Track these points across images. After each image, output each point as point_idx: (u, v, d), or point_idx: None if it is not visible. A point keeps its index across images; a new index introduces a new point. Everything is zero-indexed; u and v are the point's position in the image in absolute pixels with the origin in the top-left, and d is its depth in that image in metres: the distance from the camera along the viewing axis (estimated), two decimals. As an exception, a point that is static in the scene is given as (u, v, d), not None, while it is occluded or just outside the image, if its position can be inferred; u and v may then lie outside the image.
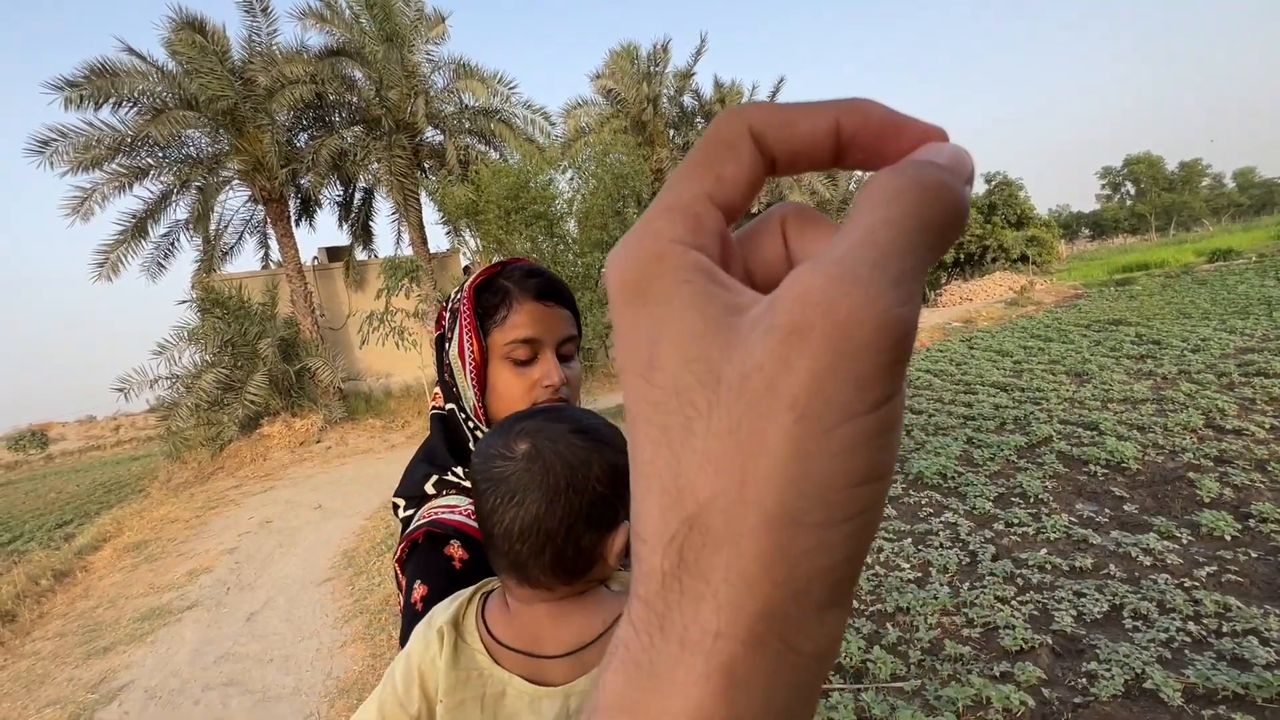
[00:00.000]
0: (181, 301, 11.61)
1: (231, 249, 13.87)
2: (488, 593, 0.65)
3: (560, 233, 11.63)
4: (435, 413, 0.89)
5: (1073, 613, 3.07)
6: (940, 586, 3.52)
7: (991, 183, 28.89)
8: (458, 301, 0.84)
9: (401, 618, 0.73)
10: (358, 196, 14.83)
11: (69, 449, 31.12)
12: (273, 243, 13.47)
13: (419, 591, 0.71)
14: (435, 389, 0.90)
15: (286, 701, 3.47)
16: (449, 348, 0.84)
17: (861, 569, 0.16)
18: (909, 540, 4.18)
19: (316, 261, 15.01)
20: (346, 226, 15.10)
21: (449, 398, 0.86)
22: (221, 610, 4.93)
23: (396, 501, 0.86)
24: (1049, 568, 3.54)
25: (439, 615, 0.62)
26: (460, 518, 0.74)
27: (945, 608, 3.32)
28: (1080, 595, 3.20)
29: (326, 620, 4.42)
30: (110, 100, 10.64)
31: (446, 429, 0.86)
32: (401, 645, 0.68)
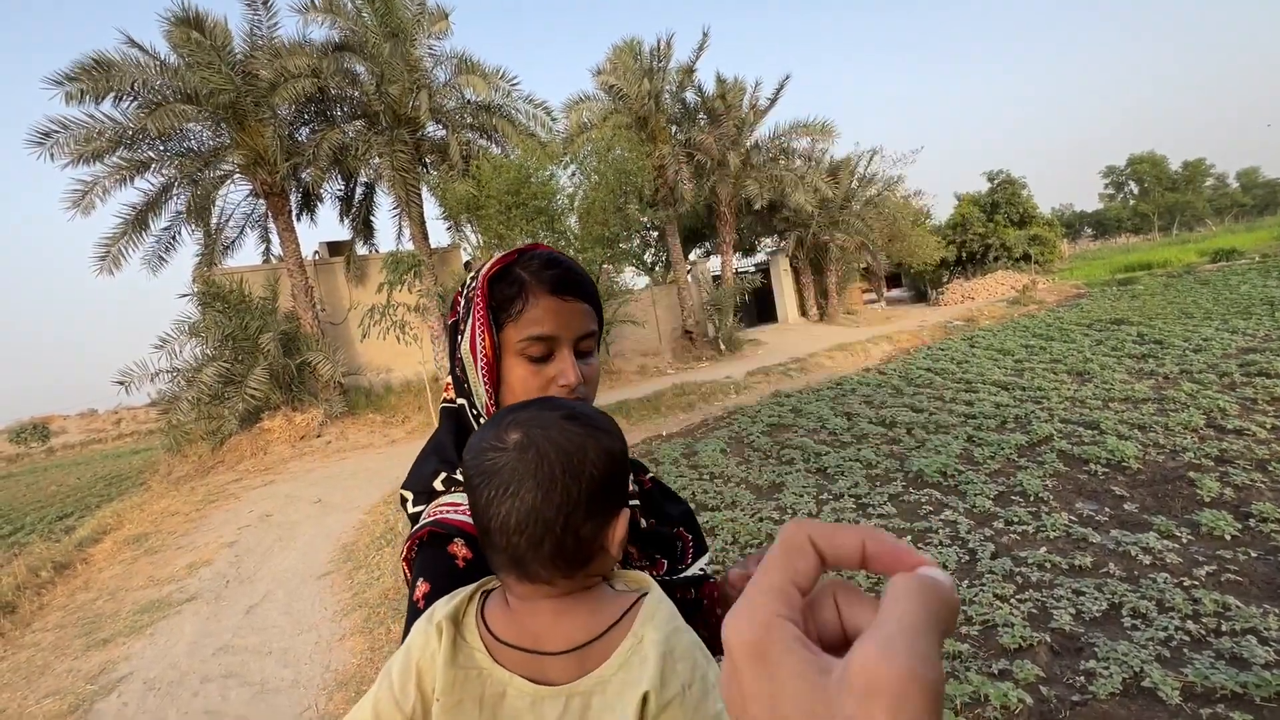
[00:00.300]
0: (182, 295, 11.62)
1: (233, 243, 13.86)
2: (489, 590, 0.63)
3: (562, 228, 11.62)
4: (446, 406, 0.85)
5: (1071, 611, 3.06)
6: (939, 584, 3.51)
7: (995, 181, 28.79)
8: (471, 291, 0.80)
9: (407, 616, 0.70)
10: (359, 191, 14.80)
11: (70, 442, 31.17)
12: (274, 237, 13.45)
13: (421, 589, 0.69)
14: (449, 379, 0.86)
15: (285, 694, 3.48)
16: (461, 340, 0.80)
17: None
18: (909, 538, 4.18)
19: (317, 256, 14.99)
20: (347, 221, 15.07)
21: (460, 392, 0.82)
22: (221, 603, 4.94)
23: (405, 495, 0.83)
24: (1048, 566, 3.54)
25: (438, 611, 0.61)
26: (464, 516, 0.72)
27: (944, 605, 3.31)
28: (1079, 594, 3.20)
29: (325, 614, 4.43)
30: (111, 94, 10.61)
31: (457, 424, 0.83)
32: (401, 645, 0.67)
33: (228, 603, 4.92)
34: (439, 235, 29.88)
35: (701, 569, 0.82)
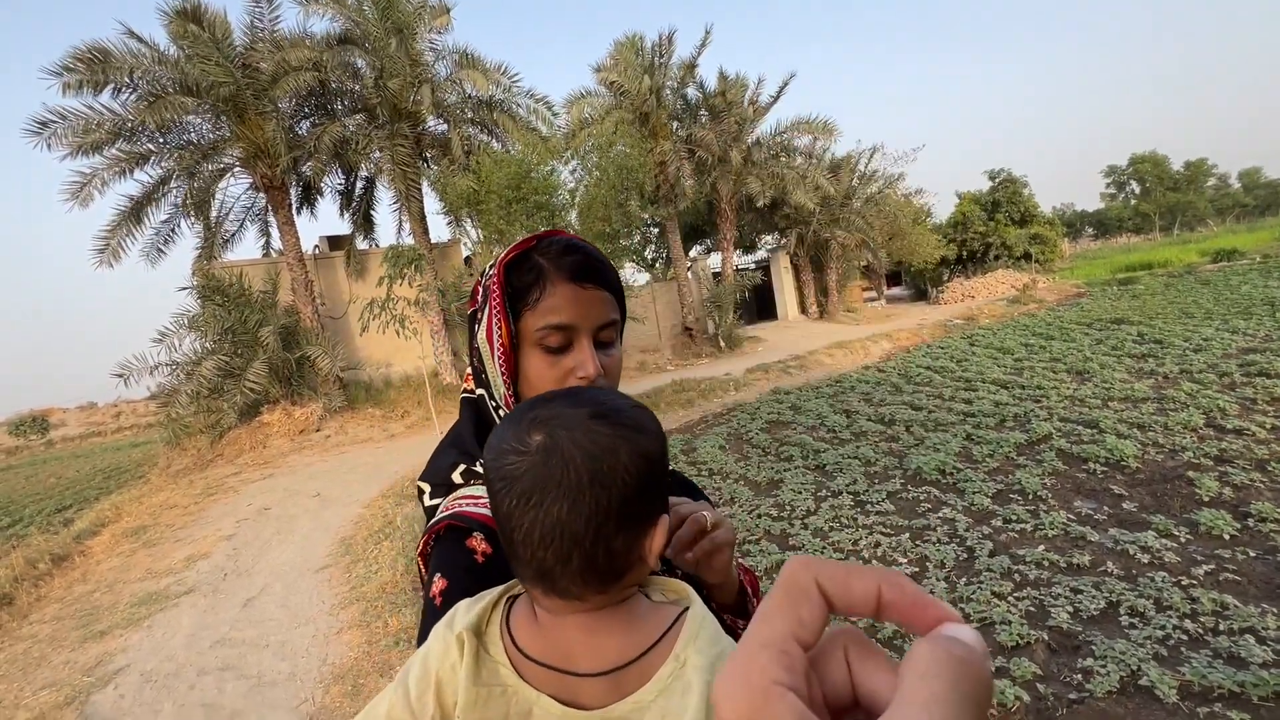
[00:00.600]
0: (182, 288, 11.60)
1: (232, 236, 13.82)
2: (515, 596, 0.58)
3: (562, 224, 11.59)
4: (466, 396, 0.83)
5: (1069, 609, 3.06)
6: (937, 582, 3.51)
7: (996, 180, 28.74)
8: (488, 278, 0.77)
9: (422, 612, 0.68)
10: (359, 185, 14.77)
11: (69, 435, 31.17)
12: (274, 231, 13.42)
13: (438, 585, 0.66)
14: (469, 370, 0.84)
15: (282, 687, 3.48)
16: (477, 328, 0.78)
17: None
18: (906, 535, 4.18)
19: (317, 250, 14.96)
20: (348, 215, 15.05)
21: (479, 382, 0.80)
22: (218, 596, 4.94)
23: (422, 487, 0.80)
24: (1046, 564, 3.54)
25: (460, 619, 0.56)
26: (485, 510, 0.69)
27: (941, 603, 3.31)
28: (1077, 592, 3.20)
29: (323, 607, 4.43)
30: (110, 85, 10.57)
31: (477, 415, 0.81)
32: (420, 642, 0.63)
33: (225, 596, 4.92)
34: (439, 230, 29.82)
35: None
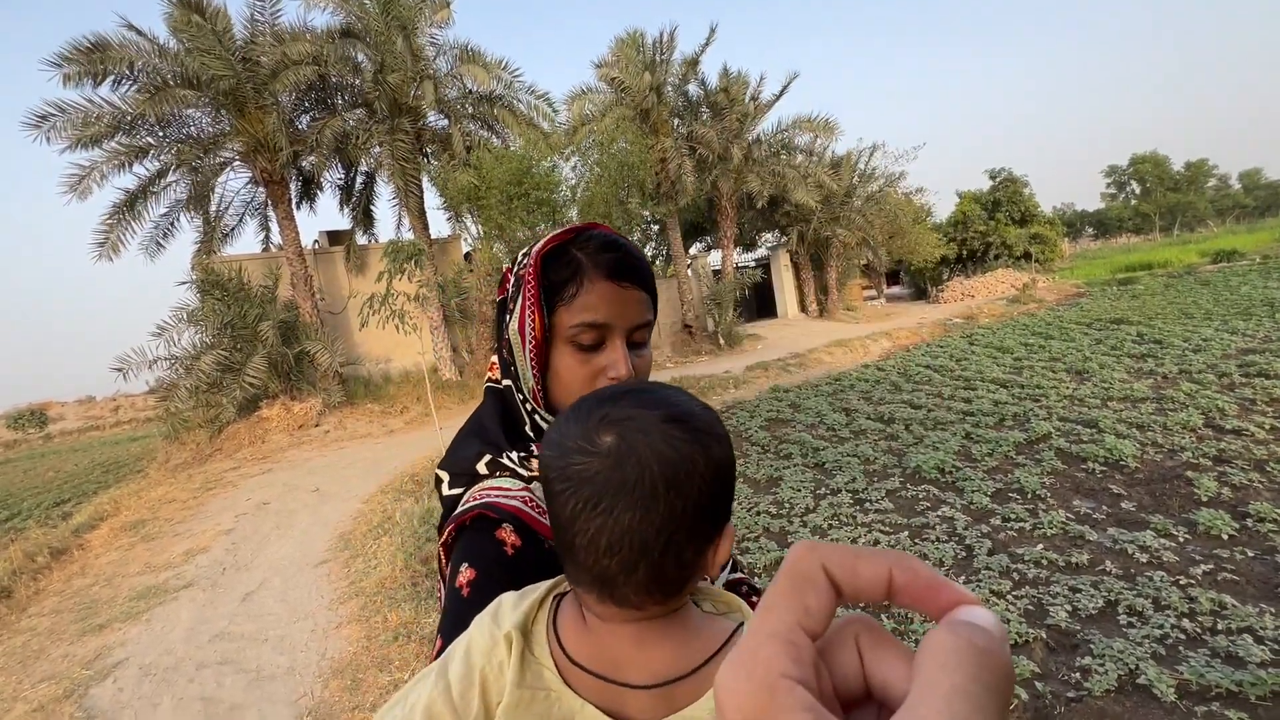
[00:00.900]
0: (181, 283, 11.58)
1: (232, 231, 13.80)
2: (561, 594, 0.56)
3: (563, 220, 11.57)
4: (491, 386, 0.82)
5: (1068, 608, 3.07)
6: (936, 579, 3.52)
7: (996, 179, 28.72)
8: (523, 268, 0.75)
9: (445, 602, 0.66)
10: (359, 180, 14.74)
11: (68, 428, 31.13)
12: (273, 225, 13.40)
13: (466, 575, 0.64)
14: (493, 359, 0.83)
15: (280, 681, 3.48)
16: (509, 320, 0.76)
17: None
18: (905, 533, 4.18)
19: (317, 245, 14.93)
20: (347, 210, 15.02)
21: (506, 373, 0.79)
22: (217, 590, 4.94)
23: (441, 475, 0.79)
24: (1045, 563, 3.54)
25: (507, 617, 0.53)
26: (516, 502, 0.69)
27: (940, 601, 3.32)
28: (1075, 591, 3.20)
29: (322, 602, 4.43)
30: (110, 77, 10.54)
31: (503, 405, 0.80)
32: (441, 632, 0.62)
33: (224, 590, 4.92)
34: (439, 226, 29.81)
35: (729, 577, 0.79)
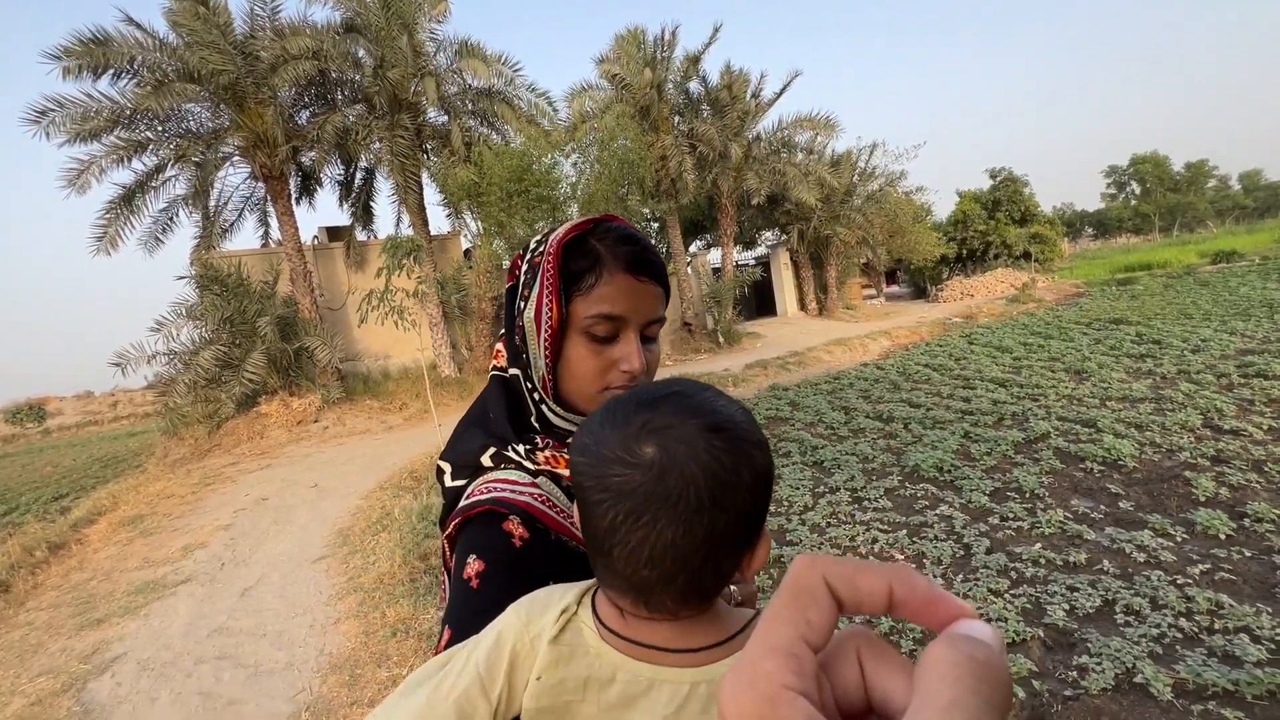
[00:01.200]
0: (180, 278, 11.56)
1: (231, 226, 13.77)
2: (595, 590, 0.56)
3: (563, 217, 11.57)
4: (497, 374, 0.80)
5: (1065, 606, 3.07)
6: (934, 578, 3.52)
7: (997, 178, 28.72)
8: (538, 255, 0.75)
9: (451, 594, 0.66)
10: (359, 176, 14.71)
11: (66, 423, 31.12)
12: (272, 221, 13.37)
13: (475, 566, 0.64)
14: (498, 346, 0.82)
15: (279, 676, 3.49)
16: (524, 307, 0.75)
17: None
18: (904, 532, 4.19)
19: (316, 241, 14.92)
20: (347, 206, 15.00)
21: (515, 361, 0.78)
22: (215, 585, 4.94)
23: (442, 466, 0.78)
24: (1043, 562, 3.55)
25: (555, 600, 0.54)
26: (525, 497, 0.69)
27: (938, 599, 3.32)
28: (1073, 590, 3.21)
29: (320, 597, 4.43)
30: (109, 71, 10.51)
31: (510, 394, 0.79)
32: (448, 622, 0.62)
33: (223, 585, 4.92)
34: (439, 222, 29.75)
35: None
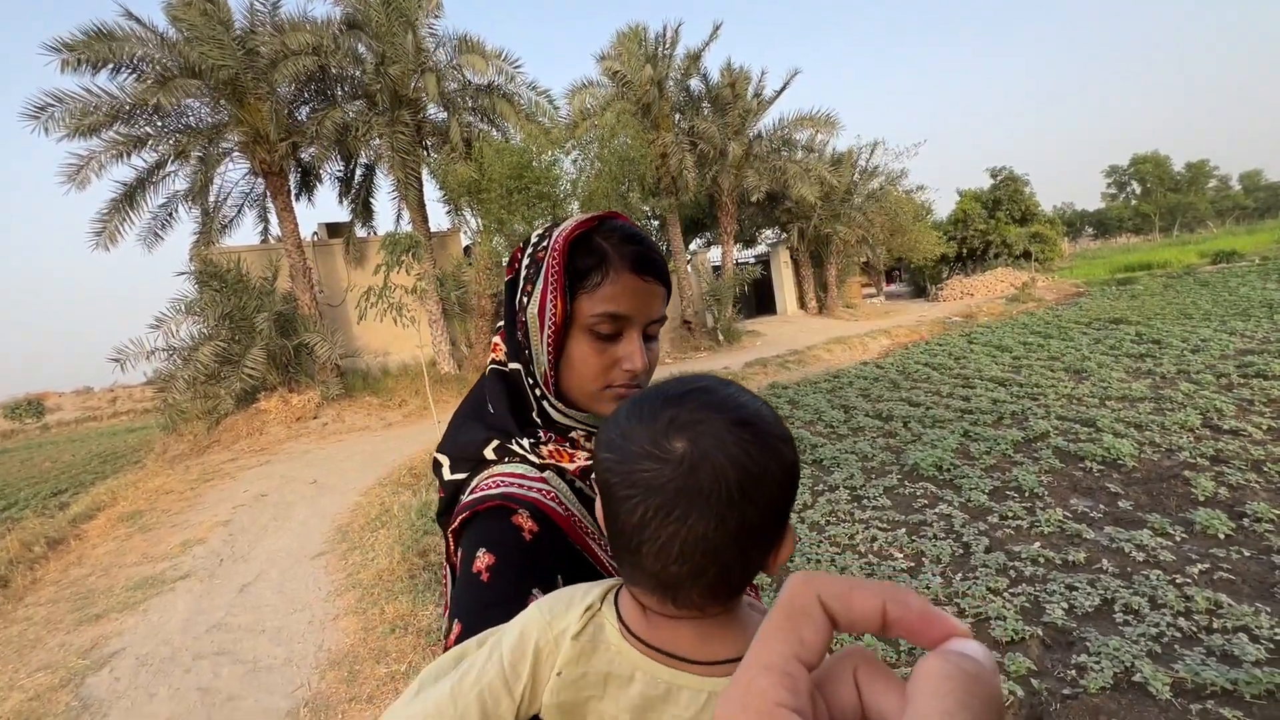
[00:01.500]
0: (180, 273, 11.55)
1: (230, 222, 13.75)
2: (619, 589, 0.56)
3: (564, 214, 11.55)
4: (496, 368, 0.80)
5: (1064, 605, 3.07)
6: (933, 577, 3.52)
7: (997, 178, 28.71)
8: (541, 250, 0.75)
9: (459, 587, 0.65)
10: (359, 172, 14.68)
11: (65, 419, 31.10)
12: (272, 217, 13.35)
13: (485, 560, 0.63)
14: (495, 340, 0.82)
15: (278, 672, 3.49)
16: (528, 302, 0.75)
17: None
18: (903, 530, 4.19)
19: (316, 237, 14.91)
20: (347, 202, 14.98)
21: (515, 356, 0.77)
22: (214, 581, 4.94)
23: (440, 459, 0.78)
24: (1042, 561, 3.55)
25: (579, 598, 0.54)
26: (533, 492, 0.69)
27: (937, 598, 3.32)
28: (1072, 589, 3.21)
29: (319, 593, 4.43)
30: (109, 65, 10.49)
31: (510, 389, 0.78)
32: (457, 617, 0.61)
33: (221, 581, 4.92)
34: (439, 219, 29.73)
35: None
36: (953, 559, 3.73)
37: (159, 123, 11.57)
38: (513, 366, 0.78)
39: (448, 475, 0.76)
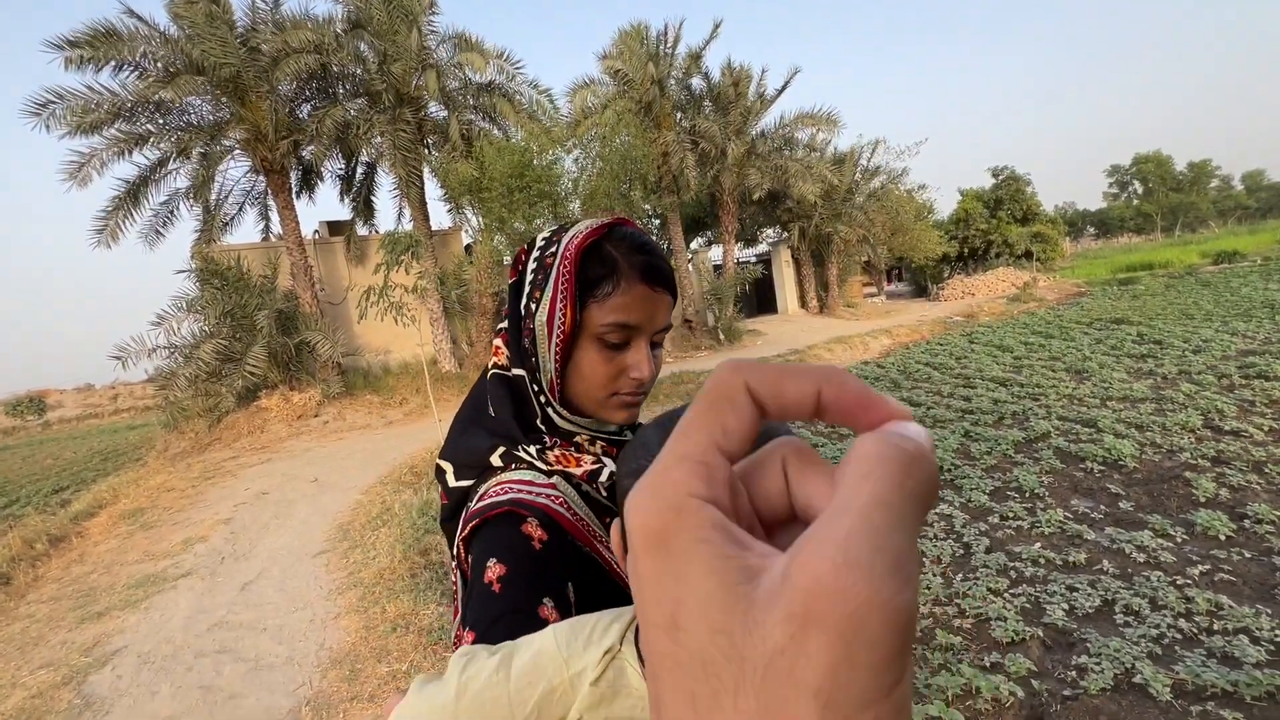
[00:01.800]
0: (181, 271, 11.55)
1: (232, 220, 13.74)
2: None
3: (565, 213, 11.54)
4: (499, 373, 0.78)
5: (1065, 606, 3.07)
6: (933, 577, 3.53)
7: (999, 177, 28.67)
8: (550, 255, 0.74)
9: (470, 597, 0.65)
10: (360, 170, 14.67)
11: (66, 416, 31.15)
12: (273, 215, 13.36)
13: (496, 570, 0.63)
14: (496, 342, 0.80)
15: (279, 670, 3.49)
16: (536, 309, 0.74)
17: None
18: (903, 530, 4.19)
19: (317, 235, 14.90)
20: (348, 201, 14.97)
21: (520, 363, 0.76)
22: (216, 579, 4.95)
23: (444, 466, 0.78)
24: (1042, 561, 3.55)
25: (598, 635, 0.52)
26: (543, 499, 0.69)
27: (938, 598, 3.33)
28: (1073, 589, 3.21)
29: (320, 592, 4.44)
30: (111, 63, 10.49)
31: (515, 395, 0.77)
32: (469, 625, 0.61)
33: (223, 579, 4.93)
34: (440, 217, 29.71)
35: None
36: (953, 559, 3.74)
37: (160, 120, 11.57)
38: (516, 372, 0.77)
39: (452, 482, 0.76)
